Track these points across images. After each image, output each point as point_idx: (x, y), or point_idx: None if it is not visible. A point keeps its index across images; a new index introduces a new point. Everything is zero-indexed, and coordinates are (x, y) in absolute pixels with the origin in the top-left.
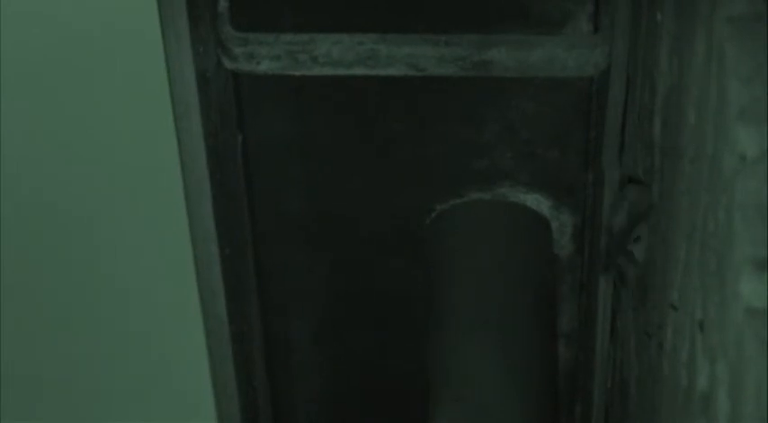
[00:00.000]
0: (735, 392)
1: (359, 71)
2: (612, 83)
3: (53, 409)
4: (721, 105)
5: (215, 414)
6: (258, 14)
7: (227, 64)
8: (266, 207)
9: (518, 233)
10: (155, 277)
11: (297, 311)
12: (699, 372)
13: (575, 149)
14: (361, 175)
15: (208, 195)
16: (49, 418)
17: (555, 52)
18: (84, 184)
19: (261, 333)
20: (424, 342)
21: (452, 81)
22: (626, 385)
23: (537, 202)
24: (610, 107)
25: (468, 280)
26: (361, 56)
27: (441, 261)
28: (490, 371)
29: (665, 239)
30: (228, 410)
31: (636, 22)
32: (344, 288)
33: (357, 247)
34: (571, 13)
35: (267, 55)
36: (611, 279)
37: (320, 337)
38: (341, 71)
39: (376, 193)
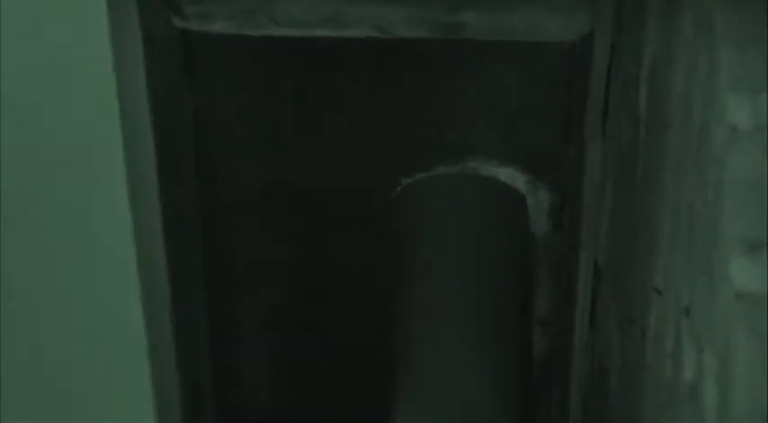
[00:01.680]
0: (723, 382)
1: (321, 32)
2: (596, 49)
3: None
4: (712, 74)
5: (154, 400)
6: None
7: (177, 23)
8: (217, 177)
9: (490, 209)
10: (93, 254)
11: (250, 288)
12: (685, 360)
13: (554, 120)
14: (323, 146)
15: (152, 163)
16: None
17: (534, 15)
18: (21, 148)
19: (206, 308)
20: (388, 323)
21: (422, 44)
22: (606, 374)
23: (512, 176)
24: (593, 74)
25: (436, 259)
26: (324, 16)
27: (407, 239)
28: (458, 358)
29: (649, 217)
30: (170, 398)
31: None
32: (304, 264)
33: (318, 222)
34: None
35: (222, 14)
36: (591, 260)
37: (275, 315)
38: (302, 32)
39: (338, 164)
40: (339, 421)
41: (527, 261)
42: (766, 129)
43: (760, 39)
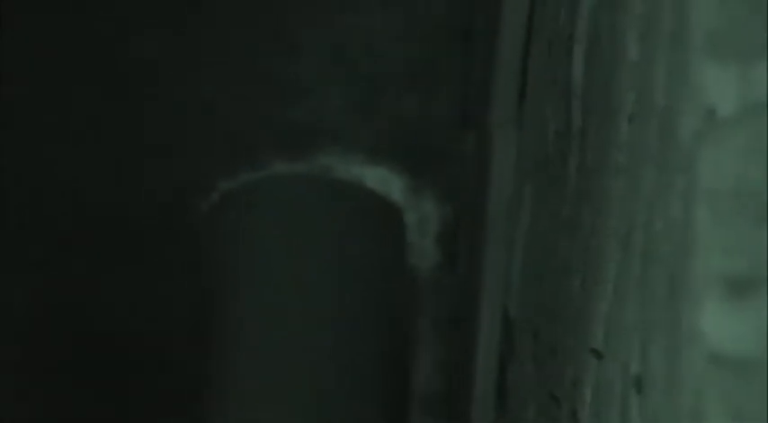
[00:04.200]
0: None
1: None
2: None
3: None
4: (681, 30)
5: None
6: None
7: None
8: None
9: (346, 230)
10: None
11: None
12: None
13: (445, 94)
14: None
15: None
16: None
17: None
18: None
19: None
20: (195, 399)
21: None
22: None
23: (383, 179)
24: (505, 28)
25: (257, 311)
26: None
27: (222, 271)
28: None
29: (587, 246)
30: None
31: None
32: (59, 311)
33: (89, 251)
34: None
35: None
36: (498, 309)
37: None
38: None
39: (126, 161)
40: None
41: (402, 312)
42: (766, 111)
43: None
